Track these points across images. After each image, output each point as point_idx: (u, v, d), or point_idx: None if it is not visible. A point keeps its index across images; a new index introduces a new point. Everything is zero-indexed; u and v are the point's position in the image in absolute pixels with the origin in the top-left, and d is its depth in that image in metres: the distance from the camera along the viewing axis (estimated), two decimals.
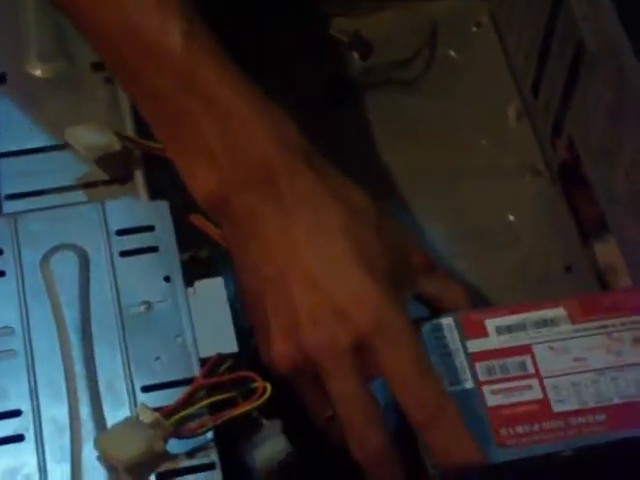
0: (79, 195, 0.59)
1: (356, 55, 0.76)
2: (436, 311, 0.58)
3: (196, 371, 0.53)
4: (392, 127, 0.74)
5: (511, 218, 0.71)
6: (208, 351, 0.54)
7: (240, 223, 0.55)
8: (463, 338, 0.56)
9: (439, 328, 0.56)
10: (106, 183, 0.59)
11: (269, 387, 0.53)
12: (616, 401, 0.54)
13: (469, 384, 0.55)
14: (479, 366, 0.55)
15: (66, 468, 0.51)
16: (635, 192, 0.62)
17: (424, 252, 0.59)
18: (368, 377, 0.53)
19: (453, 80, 0.76)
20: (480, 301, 0.68)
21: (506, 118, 0.75)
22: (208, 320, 0.55)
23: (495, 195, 0.72)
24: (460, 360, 0.55)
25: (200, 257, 0.59)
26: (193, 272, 0.58)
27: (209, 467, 0.51)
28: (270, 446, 0.54)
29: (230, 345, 0.54)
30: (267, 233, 0.54)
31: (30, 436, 0.52)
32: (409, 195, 0.72)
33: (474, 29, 0.78)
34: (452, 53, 0.77)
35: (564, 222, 0.71)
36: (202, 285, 0.56)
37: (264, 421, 0.55)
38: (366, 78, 0.75)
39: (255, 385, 0.53)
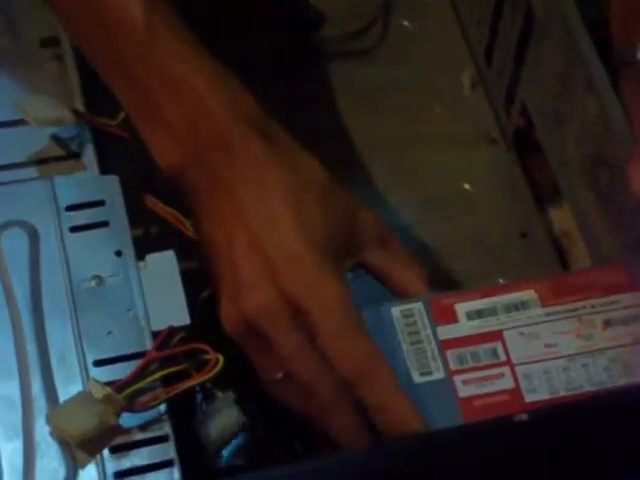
0: (29, 172, 0.59)
1: (310, 26, 0.76)
2: (386, 286, 0.58)
3: (148, 344, 0.53)
4: (347, 98, 0.74)
5: (466, 186, 0.71)
6: (160, 324, 0.54)
7: (197, 192, 0.56)
8: (433, 324, 0.55)
9: (410, 313, 0.56)
10: (56, 159, 0.59)
11: (221, 358, 0.53)
12: (587, 388, 0.54)
13: (440, 374, 0.54)
14: (450, 354, 0.54)
15: (18, 445, 0.51)
16: (585, 156, 0.63)
17: (380, 224, 0.59)
18: (310, 337, 0.54)
19: (407, 49, 0.76)
20: (436, 270, 0.69)
21: (461, 86, 0.75)
22: (160, 293, 0.55)
23: (450, 164, 0.72)
24: (431, 348, 0.55)
25: (151, 234, 0.59)
26: (145, 247, 0.58)
27: (162, 440, 0.52)
28: (224, 418, 0.55)
29: (182, 318, 0.54)
30: (218, 201, 0.55)
31: None
32: (365, 164, 0.72)
33: None
34: (406, 23, 0.77)
35: (519, 189, 0.72)
36: (153, 258, 0.56)
37: (218, 393, 0.55)
38: (320, 49, 0.75)
39: (207, 357, 0.53)
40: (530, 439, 0.51)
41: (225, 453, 0.57)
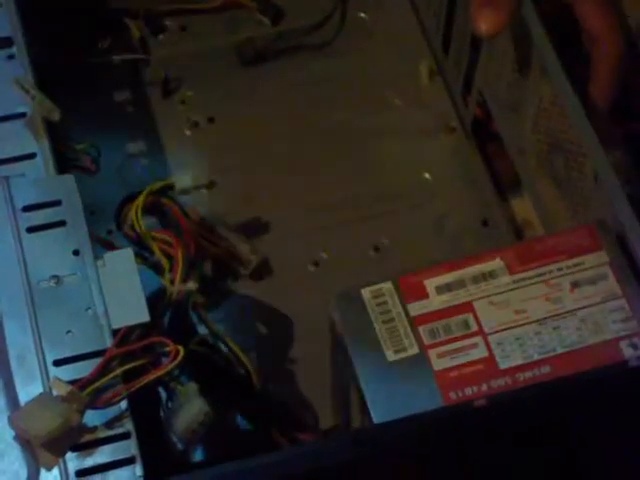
0: None
1: (267, 21, 0.76)
2: None
3: (108, 342, 0.53)
4: (306, 91, 0.74)
5: (427, 176, 0.72)
6: (119, 322, 0.54)
7: None
8: (404, 302, 0.56)
9: (380, 294, 0.56)
10: (11, 160, 0.59)
11: (182, 350, 0.53)
12: (559, 351, 0.54)
13: (414, 349, 0.55)
14: (422, 329, 0.55)
15: None
16: (541, 143, 0.63)
17: None
18: None
19: (365, 41, 0.76)
20: (399, 259, 0.69)
21: (419, 77, 0.75)
22: (118, 291, 0.55)
23: (410, 154, 0.72)
24: (403, 325, 0.55)
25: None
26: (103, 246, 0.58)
27: (125, 436, 0.52)
28: (187, 410, 0.55)
29: (141, 315, 0.54)
30: None
31: None
32: (325, 156, 0.72)
33: None
34: (363, 15, 0.77)
35: (480, 178, 0.72)
36: (111, 257, 0.56)
37: (179, 387, 0.55)
38: (278, 44, 0.75)
39: (168, 349, 0.53)
40: (490, 424, 0.52)
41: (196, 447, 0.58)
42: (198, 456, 0.61)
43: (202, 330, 0.61)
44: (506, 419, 0.52)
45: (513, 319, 0.55)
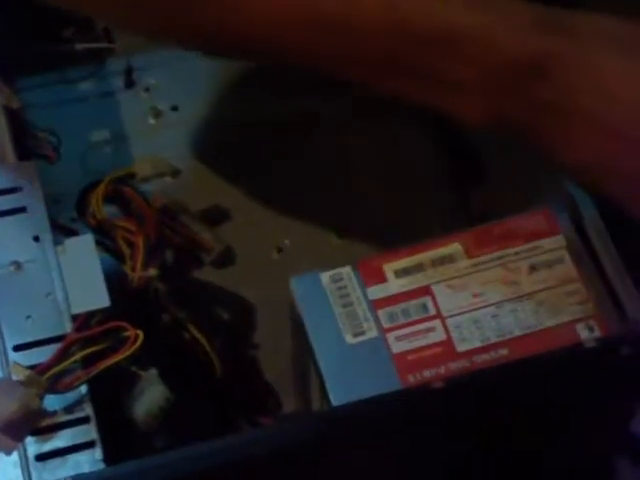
0: None
1: None
2: None
3: (68, 327, 0.54)
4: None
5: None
6: (79, 307, 0.54)
7: (532, 128, 0.53)
8: (363, 286, 0.56)
9: (339, 278, 0.57)
10: None
11: (141, 335, 0.53)
12: (517, 333, 0.55)
13: (373, 333, 0.55)
14: (381, 313, 0.56)
15: None
16: None
17: None
18: None
19: None
20: (364, 246, 0.69)
21: None
22: (79, 276, 0.55)
23: None
24: (362, 309, 0.56)
25: None
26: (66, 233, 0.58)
27: (84, 421, 0.52)
28: (148, 395, 0.55)
29: (101, 300, 0.54)
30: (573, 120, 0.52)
31: None
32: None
33: None
34: None
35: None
36: (72, 242, 0.56)
37: (140, 372, 0.56)
38: None
39: (127, 334, 0.53)
40: (448, 406, 0.52)
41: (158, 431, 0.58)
42: (160, 440, 0.61)
43: (165, 317, 0.61)
44: (463, 401, 0.53)
45: (471, 302, 0.56)
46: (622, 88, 0.52)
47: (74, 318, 0.54)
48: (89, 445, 0.51)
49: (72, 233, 0.60)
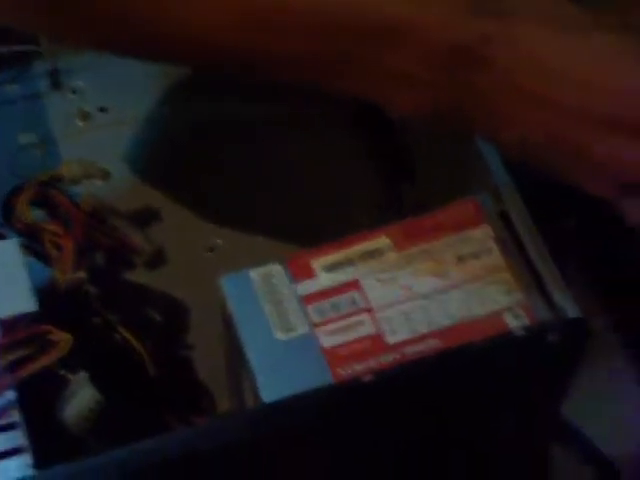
0: None
1: None
2: None
3: None
4: None
5: None
6: (6, 311, 0.54)
7: (469, 109, 0.53)
8: (292, 282, 0.56)
9: (269, 275, 0.57)
10: None
11: (69, 338, 0.53)
12: (446, 324, 0.55)
13: (304, 329, 0.55)
14: (311, 309, 0.55)
15: None
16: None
17: None
18: None
19: None
20: (296, 243, 0.70)
21: None
22: (4, 281, 0.55)
23: None
24: (292, 305, 0.56)
25: None
26: None
27: (12, 427, 0.52)
28: (79, 399, 0.55)
29: (28, 304, 0.54)
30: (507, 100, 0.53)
31: None
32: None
33: None
34: None
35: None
36: None
37: (70, 376, 0.55)
38: None
39: (55, 338, 0.53)
40: (377, 398, 0.52)
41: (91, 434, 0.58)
42: (93, 443, 0.60)
43: (95, 319, 0.61)
44: (394, 393, 0.53)
45: (400, 295, 0.56)
46: (558, 63, 0.52)
47: (0, 323, 0.53)
48: (18, 451, 0.51)
49: (0, 237, 0.60)
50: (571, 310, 0.54)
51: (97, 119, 0.72)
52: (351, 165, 0.72)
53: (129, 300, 0.66)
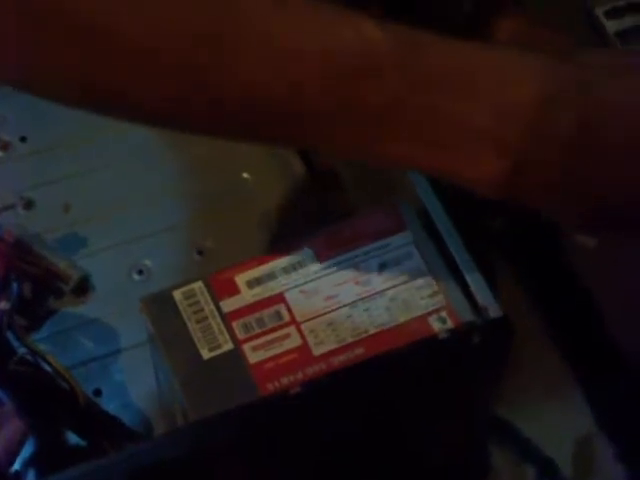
0: None
1: None
2: None
3: None
4: None
5: (245, 175, 0.72)
6: None
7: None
8: (216, 299, 0.56)
9: (192, 294, 0.56)
10: None
11: None
12: (372, 331, 0.55)
13: (229, 345, 0.55)
14: (236, 325, 0.55)
15: None
16: None
17: None
18: None
19: None
20: (224, 262, 0.69)
21: None
22: None
23: (227, 154, 0.73)
24: (216, 323, 0.55)
25: None
26: None
27: None
28: (5, 432, 0.54)
29: None
30: None
31: None
32: (142, 164, 0.72)
33: None
34: None
35: (297, 172, 0.73)
36: None
37: None
38: None
39: None
40: (306, 410, 0.52)
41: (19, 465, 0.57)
42: (30, 475, 0.60)
43: (22, 350, 0.60)
44: (322, 403, 0.53)
45: (324, 305, 0.56)
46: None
47: None
48: None
49: None
50: (493, 310, 0.55)
51: (18, 149, 0.72)
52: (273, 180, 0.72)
53: (58, 328, 0.66)
